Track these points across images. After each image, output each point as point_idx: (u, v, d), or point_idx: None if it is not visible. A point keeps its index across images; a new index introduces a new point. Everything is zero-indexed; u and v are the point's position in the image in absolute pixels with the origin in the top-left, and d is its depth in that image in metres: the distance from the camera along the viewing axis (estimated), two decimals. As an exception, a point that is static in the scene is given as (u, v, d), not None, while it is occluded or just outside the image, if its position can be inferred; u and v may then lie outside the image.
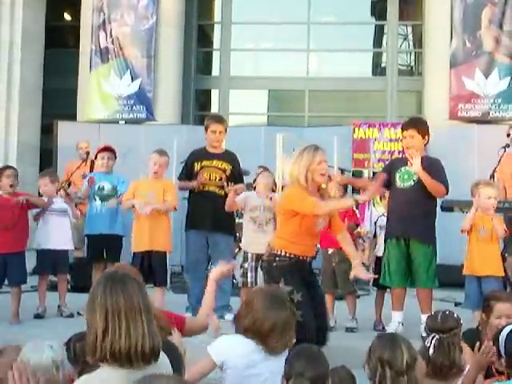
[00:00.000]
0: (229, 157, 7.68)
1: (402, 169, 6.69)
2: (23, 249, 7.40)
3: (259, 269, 7.34)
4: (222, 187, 7.46)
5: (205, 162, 7.55)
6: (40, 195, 7.95)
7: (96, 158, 8.40)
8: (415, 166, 6.46)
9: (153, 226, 7.41)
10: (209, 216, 7.45)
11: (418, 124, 6.90)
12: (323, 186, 5.46)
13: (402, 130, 6.92)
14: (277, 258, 5.35)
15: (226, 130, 7.69)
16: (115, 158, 8.25)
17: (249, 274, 7.28)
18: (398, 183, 6.68)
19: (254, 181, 7.75)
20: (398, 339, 3.41)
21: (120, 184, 8.04)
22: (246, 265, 7.34)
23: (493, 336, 3.87)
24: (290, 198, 5.38)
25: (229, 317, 7.40)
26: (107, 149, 8.28)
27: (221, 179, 7.47)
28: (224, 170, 7.53)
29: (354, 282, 7.11)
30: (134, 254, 7.52)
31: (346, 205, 5.75)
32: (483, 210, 6.49)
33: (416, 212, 6.50)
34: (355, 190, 8.57)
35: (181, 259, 9.66)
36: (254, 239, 7.27)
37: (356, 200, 5.37)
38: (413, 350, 3.39)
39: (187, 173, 7.65)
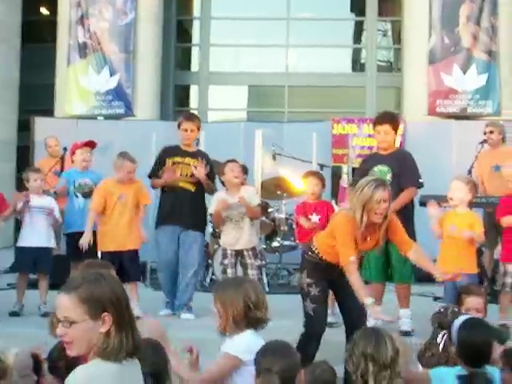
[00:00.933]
0: (201, 155, 7.66)
1: (375, 168, 6.68)
2: None
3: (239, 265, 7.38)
4: (194, 183, 7.43)
5: (177, 159, 7.52)
6: (26, 189, 7.77)
7: (74, 153, 8.28)
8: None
9: (123, 225, 7.42)
10: (179, 212, 7.42)
11: (392, 119, 6.93)
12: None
13: (376, 124, 6.90)
14: (309, 252, 5.42)
15: (198, 129, 7.65)
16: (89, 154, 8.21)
17: (228, 271, 7.28)
18: None
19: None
20: (382, 334, 3.42)
21: (99, 181, 7.98)
22: (225, 261, 7.34)
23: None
24: (336, 228, 5.26)
25: (185, 316, 7.34)
26: (87, 144, 8.20)
27: (192, 175, 7.44)
28: (196, 167, 7.50)
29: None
30: (103, 253, 7.46)
31: (361, 299, 5.04)
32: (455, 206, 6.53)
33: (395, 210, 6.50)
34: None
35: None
36: (232, 236, 7.29)
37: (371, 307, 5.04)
38: (396, 344, 3.40)
39: (159, 168, 7.60)
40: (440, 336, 3.96)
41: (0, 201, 7.45)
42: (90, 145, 8.21)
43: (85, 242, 7.35)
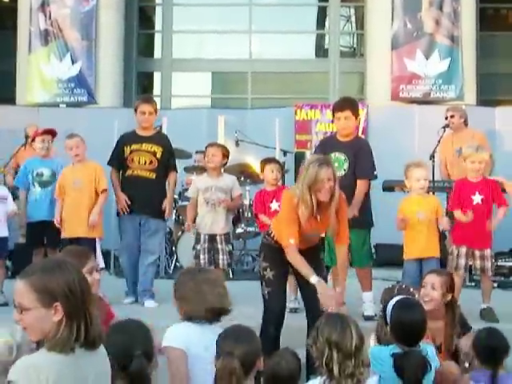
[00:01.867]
0: (159, 139, 7.61)
1: (332, 155, 6.63)
2: None
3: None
4: (153, 171, 7.39)
5: (134, 146, 7.46)
6: None
7: (33, 141, 8.18)
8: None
9: (81, 213, 7.38)
10: (140, 201, 7.38)
11: (353, 105, 6.89)
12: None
13: (336, 110, 6.87)
14: (266, 236, 5.46)
15: (156, 112, 7.61)
16: (52, 140, 8.09)
17: (201, 256, 7.25)
18: None
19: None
20: (347, 320, 3.43)
21: (59, 169, 7.90)
22: (198, 246, 7.31)
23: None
24: (282, 209, 5.41)
25: (149, 304, 7.32)
26: (47, 132, 8.10)
27: (151, 162, 7.40)
28: (154, 153, 7.45)
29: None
30: (63, 239, 7.42)
31: (307, 276, 5.11)
32: (417, 192, 6.58)
33: (349, 201, 6.52)
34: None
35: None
36: (207, 220, 7.28)
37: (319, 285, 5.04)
38: (360, 332, 3.41)
39: (118, 157, 7.56)
40: (389, 309, 4.02)
41: None
42: (50, 132, 8.09)
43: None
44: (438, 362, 3.99)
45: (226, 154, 7.49)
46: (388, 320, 3.86)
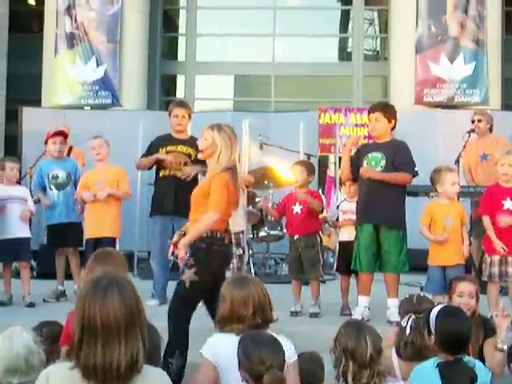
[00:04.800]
0: (194, 142, 7.64)
1: (369, 155, 6.68)
2: None
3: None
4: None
5: (170, 147, 7.53)
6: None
7: (47, 143, 8.21)
8: (370, 174, 6.49)
9: (101, 213, 7.48)
10: (173, 201, 7.40)
11: (384, 107, 6.89)
12: None
13: (369, 113, 6.92)
14: None
15: (189, 116, 7.65)
16: (66, 142, 8.18)
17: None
18: None
19: None
20: (364, 329, 3.39)
21: (74, 169, 7.99)
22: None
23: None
24: None
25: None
26: (58, 133, 8.14)
27: (185, 163, 7.44)
28: (189, 155, 7.50)
29: (321, 267, 7.14)
30: (87, 240, 7.56)
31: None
32: (448, 197, 6.54)
33: (385, 198, 6.51)
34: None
35: (147, 245, 9.62)
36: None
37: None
38: (378, 342, 3.37)
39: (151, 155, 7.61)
40: (405, 321, 3.98)
41: None
42: (61, 134, 8.13)
43: None
44: (490, 373, 3.88)
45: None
46: (432, 329, 3.77)
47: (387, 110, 6.83)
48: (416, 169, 6.68)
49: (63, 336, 4.07)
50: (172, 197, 7.40)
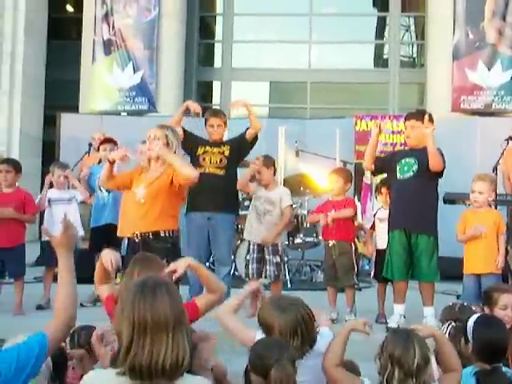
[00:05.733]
0: (228, 141, 7.71)
1: (402, 161, 6.66)
2: (20, 242, 7.34)
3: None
4: (222, 168, 7.43)
5: (207, 148, 7.54)
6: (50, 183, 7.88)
7: (98, 150, 8.39)
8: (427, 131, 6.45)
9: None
10: (209, 197, 7.36)
11: (419, 115, 6.85)
12: None
13: (405, 120, 6.91)
14: None
15: (225, 124, 7.65)
16: (117, 149, 8.23)
17: (250, 266, 7.28)
18: (398, 175, 6.66)
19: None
20: (412, 338, 3.34)
21: None
22: (248, 256, 7.34)
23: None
24: None
25: None
26: (108, 140, 8.28)
27: (221, 161, 7.44)
28: (223, 152, 7.51)
29: (356, 275, 7.12)
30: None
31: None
32: (475, 205, 6.51)
33: (417, 203, 6.47)
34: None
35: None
36: (254, 228, 7.29)
37: None
38: (426, 351, 3.32)
39: (190, 144, 7.61)
40: (444, 328, 3.95)
41: (27, 201, 7.46)
42: (110, 141, 8.27)
43: None
44: None
45: (274, 166, 7.55)
46: (470, 337, 3.75)
47: (422, 117, 6.79)
48: (445, 165, 6.59)
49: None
50: (208, 193, 7.34)
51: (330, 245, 7.14)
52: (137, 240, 5.50)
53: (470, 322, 3.78)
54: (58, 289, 2.96)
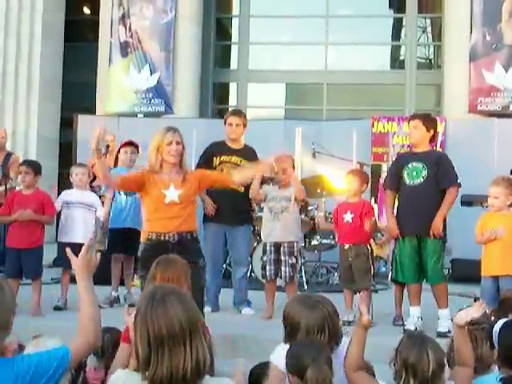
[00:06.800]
0: (247, 153, 7.66)
1: (410, 165, 6.61)
2: (39, 243, 7.38)
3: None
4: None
5: (223, 158, 7.55)
6: (70, 183, 7.90)
7: (119, 152, 8.39)
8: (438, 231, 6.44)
9: None
10: (227, 210, 7.45)
11: (424, 116, 6.85)
12: None
13: (409, 121, 6.92)
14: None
15: (244, 125, 7.66)
16: (138, 152, 8.25)
17: (267, 267, 7.30)
18: (407, 180, 6.63)
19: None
20: (427, 343, 3.30)
21: None
22: (264, 257, 7.35)
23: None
24: None
25: (246, 311, 7.45)
26: (130, 143, 8.30)
27: None
28: (239, 163, 7.53)
29: (372, 277, 7.11)
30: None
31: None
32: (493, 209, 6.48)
33: (429, 210, 6.45)
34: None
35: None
36: (270, 228, 7.29)
37: None
38: (441, 357, 3.28)
39: (206, 163, 7.62)
40: None
41: (46, 202, 7.49)
42: (132, 144, 8.30)
43: None
44: None
45: (294, 166, 7.54)
46: (496, 342, 3.69)
47: (426, 119, 6.81)
48: (459, 180, 6.62)
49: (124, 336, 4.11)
50: (226, 206, 7.44)
51: (345, 247, 7.12)
52: (172, 240, 5.47)
53: (496, 327, 3.66)
54: (81, 309, 2.95)
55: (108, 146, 9.79)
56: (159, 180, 5.54)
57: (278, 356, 3.57)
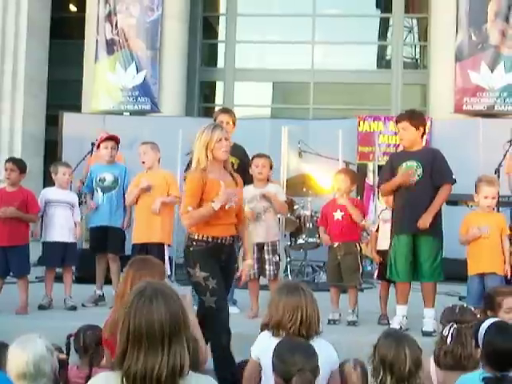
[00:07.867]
0: (237, 151, 7.63)
1: (404, 164, 6.59)
2: (24, 242, 7.35)
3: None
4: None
5: None
6: (53, 182, 7.88)
7: (99, 147, 8.31)
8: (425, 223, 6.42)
9: (151, 218, 7.40)
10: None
11: (410, 116, 6.73)
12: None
13: (396, 123, 6.85)
14: (194, 243, 5.28)
15: (234, 123, 7.61)
16: (118, 147, 8.18)
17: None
18: None
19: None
20: (404, 341, 3.33)
21: (123, 174, 8.00)
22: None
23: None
24: (186, 185, 5.43)
25: (232, 310, 7.44)
26: (110, 138, 8.21)
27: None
28: (232, 165, 7.50)
29: (360, 276, 7.11)
30: (133, 245, 7.49)
31: (209, 212, 5.21)
32: (482, 208, 6.50)
33: (423, 208, 6.43)
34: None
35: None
36: (253, 230, 7.25)
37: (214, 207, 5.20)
38: (418, 355, 3.31)
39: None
40: (446, 329, 3.93)
41: (30, 200, 7.45)
42: (113, 138, 8.19)
43: None
44: None
45: (272, 165, 7.50)
46: (480, 343, 3.69)
47: (414, 117, 6.70)
48: (454, 176, 6.61)
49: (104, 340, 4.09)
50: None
51: (334, 246, 7.11)
52: (226, 243, 5.35)
53: (483, 328, 3.68)
54: None
55: (93, 144, 9.73)
56: (216, 183, 5.34)
57: (258, 348, 3.80)
